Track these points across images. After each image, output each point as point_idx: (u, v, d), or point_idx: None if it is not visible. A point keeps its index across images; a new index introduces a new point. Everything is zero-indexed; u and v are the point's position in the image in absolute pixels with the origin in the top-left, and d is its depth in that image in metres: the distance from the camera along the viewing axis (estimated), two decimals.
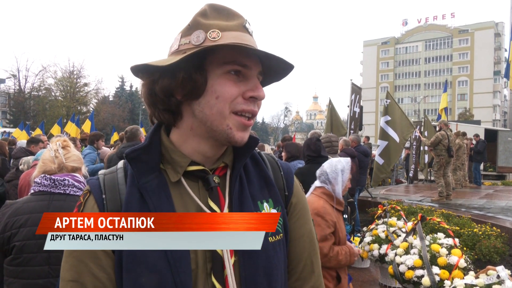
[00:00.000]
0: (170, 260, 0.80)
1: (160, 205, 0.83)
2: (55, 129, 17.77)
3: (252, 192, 0.93)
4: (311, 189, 2.97)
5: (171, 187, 0.87)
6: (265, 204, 0.94)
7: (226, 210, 0.88)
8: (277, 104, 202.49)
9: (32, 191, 1.99)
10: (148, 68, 0.85)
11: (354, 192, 7.24)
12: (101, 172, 0.93)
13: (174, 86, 0.84)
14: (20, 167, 4.33)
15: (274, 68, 0.91)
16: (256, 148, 1.00)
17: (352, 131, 10.49)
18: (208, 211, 0.86)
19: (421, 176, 15.40)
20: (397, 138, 8.41)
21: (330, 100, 11.73)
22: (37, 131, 16.94)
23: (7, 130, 23.50)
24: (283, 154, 5.00)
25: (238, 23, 0.85)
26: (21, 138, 15.86)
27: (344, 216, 3.76)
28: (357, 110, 10.80)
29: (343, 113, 32.14)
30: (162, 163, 0.89)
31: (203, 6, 0.88)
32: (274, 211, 0.94)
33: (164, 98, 0.86)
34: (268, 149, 7.23)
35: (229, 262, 0.84)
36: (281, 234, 0.93)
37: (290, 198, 1.01)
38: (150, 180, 0.85)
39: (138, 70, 0.88)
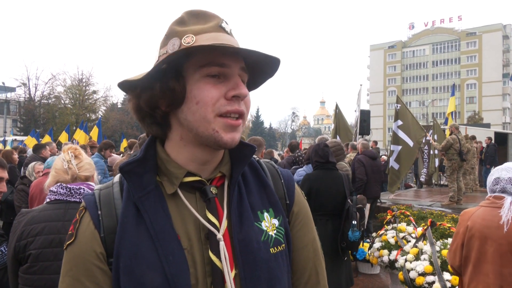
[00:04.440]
0: (168, 276, 0.77)
1: (157, 219, 0.81)
2: (63, 137, 17.91)
3: (251, 202, 0.90)
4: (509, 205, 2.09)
5: (167, 200, 0.85)
6: (266, 214, 0.91)
7: (224, 221, 0.85)
8: (284, 109, 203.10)
9: (48, 199, 1.99)
10: (130, 83, 0.84)
11: (379, 195, 7.37)
12: (97, 187, 0.92)
13: (156, 97, 0.82)
14: (26, 173, 4.51)
15: (261, 64, 0.87)
16: (258, 155, 0.99)
17: (360, 136, 10.50)
18: (206, 223, 0.83)
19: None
20: (410, 142, 8.41)
21: (337, 105, 11.71)
22: (46, 138, 17.14)
23: (18, 138, 23.81)
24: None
25: (214, 24, 0.83)
26: (32, 145, 16.07)
27: (353, 222, 3.74)
28: (358, 114, 11.15)
29: (351, 118, 32.11)
30: (158, 175, 0.87)
31: (180, 14, 0.87)
32: (275, 221, 0.91)
33: (150, 111, 0.84)
34: (275, 155, 7.24)
35: (229, 276, 0.81)
36: (283, 245, 0.90)
37: (291, 207, 0.98)
38: (146, 193, 0.83)
39: (123, 87, 0.88)
